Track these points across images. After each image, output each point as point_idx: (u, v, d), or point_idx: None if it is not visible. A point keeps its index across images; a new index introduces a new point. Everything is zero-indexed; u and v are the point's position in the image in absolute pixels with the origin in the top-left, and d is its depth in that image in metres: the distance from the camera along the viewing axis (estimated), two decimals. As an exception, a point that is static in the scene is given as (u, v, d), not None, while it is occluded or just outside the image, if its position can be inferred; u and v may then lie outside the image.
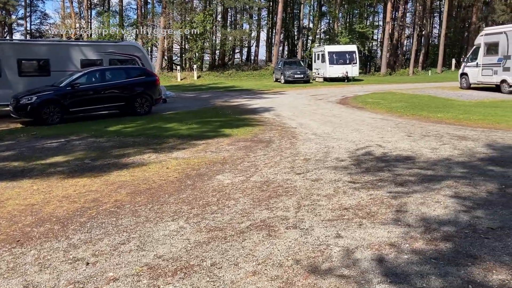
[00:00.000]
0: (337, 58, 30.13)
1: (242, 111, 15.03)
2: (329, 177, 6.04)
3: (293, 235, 3.98)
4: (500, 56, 18.88)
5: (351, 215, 4.46)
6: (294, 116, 13.30)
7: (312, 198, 5.08)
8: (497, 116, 11.61)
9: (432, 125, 10.49)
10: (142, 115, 14.27)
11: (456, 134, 9.07)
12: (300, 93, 22.43)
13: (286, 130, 10.69)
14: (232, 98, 20.20)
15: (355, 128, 10.42)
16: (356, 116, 12.78)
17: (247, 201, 5.05)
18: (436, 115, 12.15)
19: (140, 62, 17.00)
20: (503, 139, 8.33)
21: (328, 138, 9.26)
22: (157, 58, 38.37)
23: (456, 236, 3.81)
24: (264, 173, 6.40)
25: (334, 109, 14.83)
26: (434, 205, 4.68)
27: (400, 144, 8.26)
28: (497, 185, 5.33)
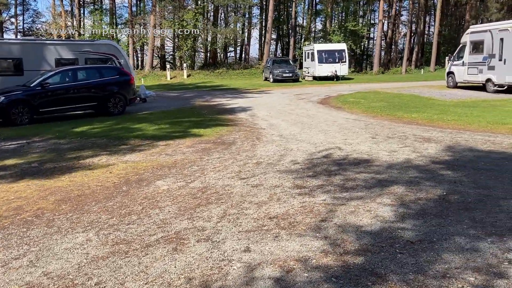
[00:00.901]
0: (326, 56, 29.84)
1: (218, 111, 14.77)
2: (271, 182, 5.78)
3: (200, 249, 3.72)
4: (485, 54, 18.59)
5: (272, 226, 4.20)
6: (268, 116, 13.04)
7: (241, 206, 4.82)
8: (472, 116, 11.34)
9: (402, 126, 10.23)
10: (116, 115, 14.02)
11: (422, 136, 8.80)
12: (285, 92, 22.16)
13: (254, 131, 10.43)
14: (214, 98, 19.94)
15: (323, 129, 10.15)
16: (330, 116, 12.51)
17: (172, 210, 4.79)
18: (411, 116, 11.88)
19: (117, 61, 16.74)
20: (467, 141, 8.06)
21: (291, 140, 9.00)
22: (147, 57, 38.03)
23: (370, 251, 3.55)
24: (208, 178, 6.14)
25: (312, 109, 14.56)
26: (363, 214, 4.41)
27: (360, 146, 8.00)
28: (440, 191, 5.06)
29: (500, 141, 8.01)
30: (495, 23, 20.43)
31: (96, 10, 44.35)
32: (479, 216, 4.24)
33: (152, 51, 37.71)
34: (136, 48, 43.79)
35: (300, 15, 46.59)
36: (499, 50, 17.81)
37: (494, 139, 8.24)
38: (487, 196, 4.83)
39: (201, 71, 37.64)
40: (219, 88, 26.17)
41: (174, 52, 42.27)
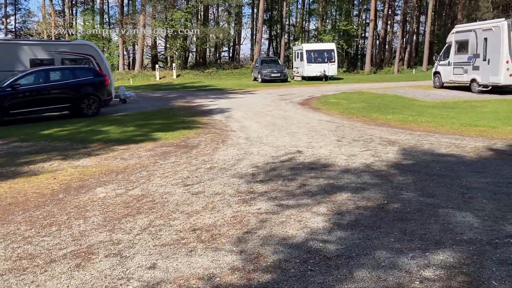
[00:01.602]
0: (315, 56, 29.59)
1: (195, 113, 14.54)
2: (215, 189, 5.55)
3: (104, 266, 3.49)
4: (470, 54, 18.37)
5: (192, 239, 3.96)
6: (243, 118, 12.82)
7: (170, 217, 4.58)
8: (447, 118, 11.11)
9: (372, 128, 10.00)
10: (90, 116, 13.78)
11: (388, 139, 8.57)
12: (271, 92, 21.93)
13: (222, 133, 10.21)
14: (197, 98, 19.70)
15: (292, 132, 9.93)
16: (305, 118, 12.28)
17: (97, 221, 4.56)
18: (386, 117, 11.66)
19: (94, 61, 16.49)
20: (431, 145, 7.83)
21: (256, 143, 8.77)
22: (137, 57, 37.77)
23: (281, 267, 3.32)
24: (151, 185, 5.90)
25: (290, 110, 14.33)
26: (292, 225, 4.18)
27: (322, 150, 7.77)
28: (383, 199, 4.84)
29: (465, 144, 7.78)
30: (479, 22, 20.23)
31: (87, 10, 44.11)
32: (411, 227, 4.01)
33: (142, 51, 37.45)
34: (128, 48, 43.58)
35: (294, 15, 46.32)
36: (483, 50, 17.59)
37: (460, 142, 8.02)
38: (428, 205, 4.60)
39: (191, 71, 37.39)
40: (206, 89, 25.93)
41: (165, 52, 41.97)
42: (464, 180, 5.46)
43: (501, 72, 16.62)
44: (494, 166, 6.12)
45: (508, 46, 16.39)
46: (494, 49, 16.98)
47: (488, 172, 5.83)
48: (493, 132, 8.93)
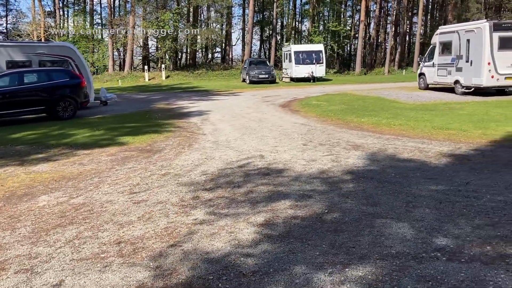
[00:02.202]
0: (303, 58, 29.44)
1: (172, 115, 14.38)
2: (159, 197, 5.39)
3: (9, 283, 3.32)
4: (453, 56, 18.25)
5: (113, 253, 3.80)
6: (219, 120, 12.67)
7: (101, 228, 4.42)
8: (422, 120, 10.97)
9: (343, 132, 9.85)
10: (66, 119, 13.59)
11: (355, 143, 8.42)
12: (255, 94, 21.78)
13: (192, 137, 10.06)
14: (180, 100, 19.53)
15: (262, 135, 9.78)
16: (281, 120, 12.13)
17: (24, 232, 4.39)
18: (360, 120, 11.52)
19: (73, 63, 16.30)
20: (396, 149, 7.68)
21: (222, 147, 8.62)
22: (127, 58, 37.57)
23: (192, 285, 3.16)
24: (97, 192, 5.74)
25: (268, 112, 14.18)
26: (222, 237, 4.03)
27: (285, 154, 7.62)
28: (324, 208, 4.69)
29: (429, 149, 7.64)
30: (462, 24, 20.15)
31: (78, 10, 43.87)
32: (342, 239, 3.86)
33: (132, 52, 37.24)
34: (119, 49, 43.35)
35: (286, 16, 46.10)
36: (466, 51, 17.48)
37: (426, 146, 7.88)
38: (368, 214, 4.45)
39: (181, 72, 37.21)
40: (192, 90, 25.76)
41: (156, 53, 41.76)
42: (415, 188, 5.31)
43: (483, 74, 16.51)
44: (450, 173, 5.98)
45: (489, 47, 16.29)
46: (476, 51, 16.88)
47: (442, 179, 5.69)
48: (462, 135, 8.80)
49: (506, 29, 16.67)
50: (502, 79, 16.62)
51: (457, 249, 3.55)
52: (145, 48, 41.94)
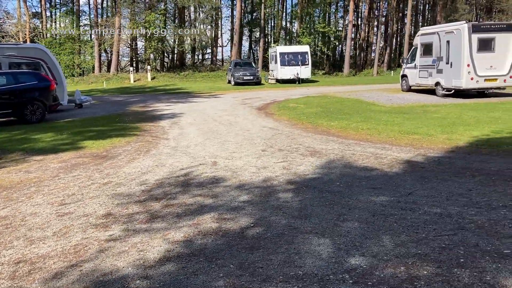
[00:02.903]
0: (288, 59, 29.21)
1: (144, 118, 14.10)
2: (87, 210, 5.11)
3: None
4: (434, 57, 18.08)
5: (6, 273, 3.53)
6: (188, 124, 12.42)
7: (10, 244, 4.15)
8: (392, 124, 10.74)
9: (308, 136, 9.60)
10: (34, 123, 13.30)
11: (315, 148, 8.18)
12: (237, 96, 21.53)
13: (153, 142, 9.79)
14: (157, 102, 19.25)
15: (225, 140, 9.54)
16: (251, 124, 11.88)
17: None
18: (330, 124, 11.29)
19: (45, 65, 15.98)
20: (353, 155, 7.43)
21: (178, 153, 8.37)
22: (112, 59, 37.23)
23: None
24: (27, 203, 5.46)
25: (242, 115, 13.92)
26: (131, 255, 3.77)
27: (238, 161, 7.37)
28: (250, 222, 4.43)
29: (387, 155, 7.40)
30: (442, 25, 19.98)
31: (64, 12, 43.47)
32: (253, 258, 3.60)
33: (117, 54, 36.90)
34: (106, 50, 42.98)
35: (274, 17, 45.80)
36: (446, 53, 17.31)
37: (384, 152, 7.64)
38: (293, 229, 4.20)
39: (167, 73, 36.92)
40: (174, 92, 25.48)
41: (143, 54, 41.43)
42: (354, 198, 5.06)
43: (463, 76, 16.34)
44: (398, 181, 5.74)
45: (468, 49, 16.12)
46: (456, 52, 16.71)
47: (387, 188, 5.44)
48: (426, 140, 8.57)
49: (485, 30, 16.51)
50: (482, 81, 16.47)
51: (368, 270, 3.30)
52: (132, 50, 41.61)
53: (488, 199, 4.84)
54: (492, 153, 7.20)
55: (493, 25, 17.12)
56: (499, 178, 5.65)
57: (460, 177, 5.82)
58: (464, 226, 4.07)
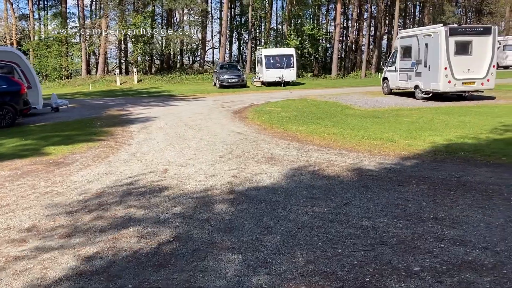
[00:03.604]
0: (274, 62, 29.08)
1: (116, 122, 13.91)
2: (14, 222, 4.96)
3: None
4: (413, 60, 18.00)
5: None
6: (158, 128, 12.26)
7: None
8: (359, 129, 10.62)
9: (271, 142, 9.47)
10: (3, 127, 13.10)
11: (272, 155, 8.05)
12: (218, 99, 21.38)
13: (115, 147, 9.63)
14: (136, 106, 19.06)
15: (186, 146, 9.39)
16: (220, 128, 11.74)
17: None
18: (298, 128, 11.17)
19: (19, 69, 15.79)
20: (306, 162, 7.30)
21: (134, 159, 8.22)
22: (99, 62, 37.02)
23: None
24: (-45, 215, 5.28)
25: (215, 119, 13.75)
26: (32, 274, 3.62)
27: (191, 168, 7.23)
28: (171, 236, 4.28)
29: (341, 162, 7.28)
30: (421, 28, 19.92)
31: (52, 14, 43.21)
32: (155, 278, 3.47)
33: (104, 56, 36.68)
34: (95, 53, 42.72)
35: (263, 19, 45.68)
36: (424, 56, 17.23)
37: (339, 159, 7.51)
38: (211, 244, 4.05)
39: (154, 76, 36.73)
40: (156, 95, 25.31)
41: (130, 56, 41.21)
42: (287, 209, 4.93)
43: (440, 79, 16.25)
44: (339, 191, 5.61)
45: (446, 52, 16.04)
46: (433, 55, 16.63)
47: (325, 198, 5.31)
48: (386, 146, 8.46)
49: (462, 33, 16.44)
50: (459, 84, 16.38)
51: (267, 290, 3.16)
52: (121, 52, 41.40)
53: (422, 210, 4.71)
54: (446, 160, 7.09)
55: (470, 28, 17.07)
56: (442, 187, 5.53)
57: (404, 186, 5.70)
58: (386, 241, 3.94)
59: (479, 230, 4.07)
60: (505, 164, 6.62)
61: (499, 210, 4.58)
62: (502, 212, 4.51)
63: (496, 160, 6.86)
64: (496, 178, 5.85)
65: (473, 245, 3.74)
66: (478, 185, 5.54)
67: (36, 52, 37.83)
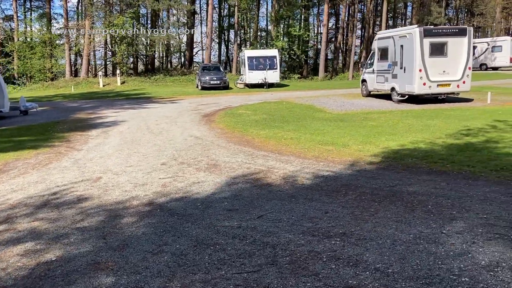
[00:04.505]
0: (257, 63, 28.77)
1: (79, 126, 13.58)
2: None
3: None
4: (389, 62, 17.73)
5: None
6: (118, 133, 11.98)
7: None
8: (319, 134, 10.32)
9: (224, 148, 9.16)
10: (-38, 132, 12.74)
11: (217, 162, 7.74)
12: (193, 102, 21.07)
13: (63, 154, 9.33)
14: (108, 108, 18.72)
15: (135, 152, 9.09)
16: (180, 133, 11.43)
17: None
18: (259, 133, 10.87)
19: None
20: (247, 170, 6.99)
21: (74, 167, 7.92)
22: (83, 63, 36.66)
23: None
24: None
25: (180, 123, 13.44)
26: None
27: (125, 177, 6.92)
28: (54, 257, 3.96)
29: (282, 169, 6.98)
30: (397, 29, 19.69)
31: (37, 16, 42.86)
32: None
33: (88, 57, 36.31)
34: (81, 54, 42.33)
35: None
36: (400, 57, 16.96)
37: (283, 165, 7.21)
38: (92, 265, 3.73)
39: (138, 77, 36.36)
40: (135, 97, 24.98)
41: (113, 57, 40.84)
42: (197, 224, 4.62)
43: (415, 81, 15.99)
44: (261, 202, 5.30)
45: (420, 54, 15.78)
46: (408, 57, 16.38)
47: (243, 210, 5.01)
48: (337, 152, 8.16)
49: (437, 35, 16.20)
50: (435, 87, 16.12)
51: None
52: (106, 53, 41.04)
53: (334, 224, 4.41)
54: (389, 168, 6.79)
55: (446, 29, 16.84)
56: (369, 198, 5.23)
57: (331, 196, 5.40)
58: (277, 260, 3.63)
59: (381, 248, 3.77)
60: (447, 172, 6.33)
61: (414, 225, 4.28)
62: (416, 227, 4.21)
63: (440, 168, 6.57)
64: (430, 188, 5.55)
65: (366, 266, 3.44)
66: (407, 196, 5.24)
67: (20, 54, 37.43)
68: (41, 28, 39.84)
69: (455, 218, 4.40)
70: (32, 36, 38.74)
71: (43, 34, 37.92)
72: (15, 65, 38.02)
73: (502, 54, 36.82)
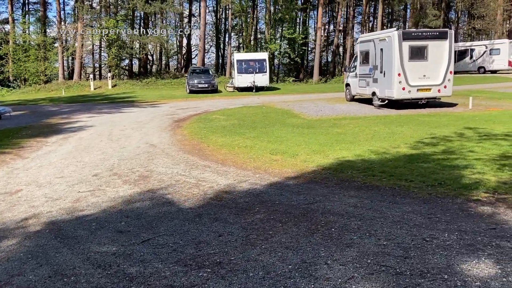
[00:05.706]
0: (246, 66, 28.33)
1: (42, 132, 13.27)
2: None
3: None
4: (370, 66, 17.25)
5: None
6: (78, 139, 11.68)
7: None
8: (278, 142, 9.88)
9: (170, 157, 8.77)
10: None
11: (150, 173, 7.34)
12: (174, 106, 20.75)
13: (5, 162, 9.02)
14: (85, 113, 18.43)
15: (77, 161, 8.74)
16: (137, 140, 11.05)
17: None
18: (217, 140, 10.46)
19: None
20: (176, 182, 6.57)
21: (4, 177, 7.54)
22: (75, 66, 36.52)
23: None
24: None
25: (147, 129, 13.09)
26: None
27: (47, 189, 6.58)
28: None
29: (212, 182, 6.56)
30: (377, 32, 19.21)
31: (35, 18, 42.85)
32: None
33: (80, 60, 36.15)
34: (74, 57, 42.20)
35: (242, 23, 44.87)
36: (380, 61, 16.47)
37: (216, 178, 6.79)
38: None
39: (130, 80, 36.14)
40: (119, 100, 24.68)
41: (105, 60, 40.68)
42: (72, 249, 4.21)
43: (394, 86, 15.49)
44: (161, 223, 4.88)
45: (399, 58, 15.27)
46: (388, 61, 15.88)
47: (133, 232, 4.59)
48: (281, 163, 7.72)
49: (417, 38, 15.69)
50: (414, 91, 15.59)
51: None
52: (100, 57, 40.90)
53: (218, 251, 3.97)
54: (323, 181, 6.33)
55: (425, 32, 16.30)
56: (277, 218, 4.79)
57: (239, 215, 4.97)
58: (125, 297, 3.20)
59: (247, 283, 3.33)
60: (379, 187, 5.86)
61: (302, 252, 3.83)
62: (302, 255, 3.77)
63: (375, 182, 6.10)
64: (349, 206, 5.09)
65: (213, 307, 3.00)
66: (318, 216, 4.79)
67: (14, 57, 37.38)
68: (36, 31, 39.84)
69: (352, 244, 3.94)
70: (27, 39, 38.65)
71: (37, 37, 37.86)
72: (10, 68, 37.97)
73: (500, 57, 36.06)
